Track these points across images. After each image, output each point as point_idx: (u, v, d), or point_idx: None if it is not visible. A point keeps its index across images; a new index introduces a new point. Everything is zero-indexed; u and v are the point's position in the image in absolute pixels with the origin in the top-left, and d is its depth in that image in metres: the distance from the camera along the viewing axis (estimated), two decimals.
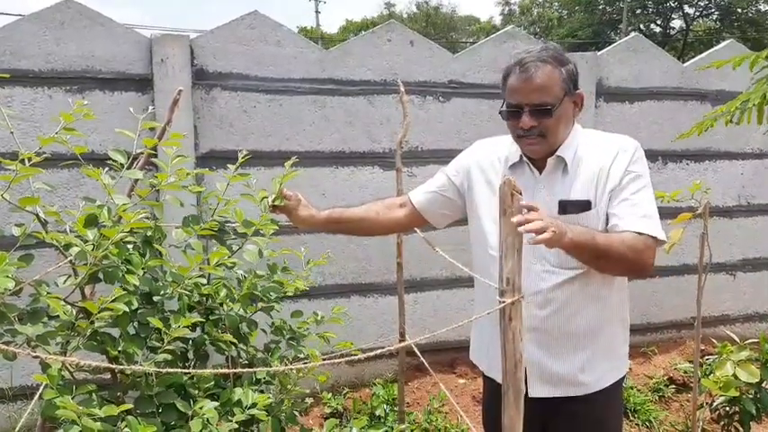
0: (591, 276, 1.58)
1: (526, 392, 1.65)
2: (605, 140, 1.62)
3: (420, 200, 1.84)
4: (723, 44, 3.98)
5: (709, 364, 3.20)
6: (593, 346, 1.63)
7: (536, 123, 1.53)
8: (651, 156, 3.82)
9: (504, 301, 1.32)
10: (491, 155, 1.73)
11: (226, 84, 3.11)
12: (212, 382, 1.71)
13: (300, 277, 1.83)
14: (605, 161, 1.56)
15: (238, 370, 1.46)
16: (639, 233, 1.48)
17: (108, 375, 1.60)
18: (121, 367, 1.12)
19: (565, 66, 1.55)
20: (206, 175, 3.05)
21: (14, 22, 2.87)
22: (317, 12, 32.55)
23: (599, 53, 3.76)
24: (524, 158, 1.63)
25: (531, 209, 1.30)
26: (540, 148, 1.57)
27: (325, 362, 1.69)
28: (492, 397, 1.84)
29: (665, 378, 3.66)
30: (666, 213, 3.10)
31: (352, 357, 1.21)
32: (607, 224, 1.55)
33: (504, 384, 1.36)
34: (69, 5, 2.85)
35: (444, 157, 1.87)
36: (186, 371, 1.49)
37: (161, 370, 1.30)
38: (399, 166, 2.43)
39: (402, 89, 2.41)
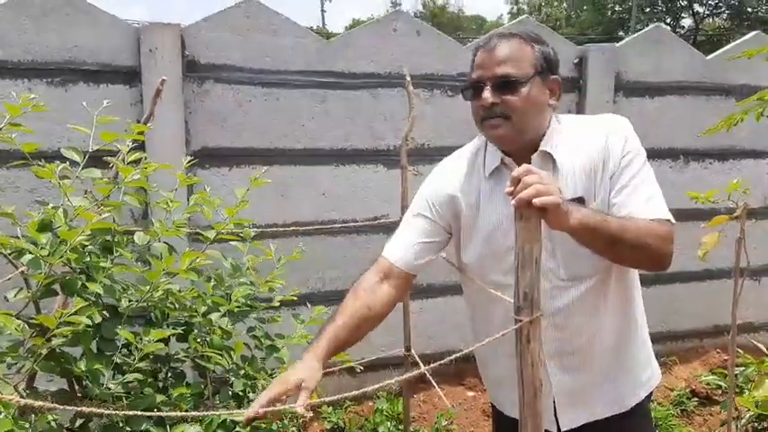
0: (607, 285, 1.39)
1: (558, 428, 1.46)
2: (590, 125, 1.41)
3: (408, 260, 1.50)
4: (749, 35, 3.76)
5: (736, 376, 2.99)
6: (624, 358, 1.47)
7: (498, 100, 1.31)
8: (672, 154, 3.60)
9: (520, 320, 1.12)
10: (462, 170, 1.49)
11: (219, 76, 2.91)
12: (191, 404, 1.54)
13: (274, 281, 1.70)
14: (597, 148, 1.35)
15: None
16: (652, 219, 1.28)
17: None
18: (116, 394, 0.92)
19: (539, 44, 1.37)
20: (198, 175, 2.86)
21: None
22: (323, 11, 32.41)
23: (617, 45, 3.54)
24: (505, 161, 1.40)
25: (528, 172, 1.09)
26: (504, 132, 1.33)
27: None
28: (500, 428, 1.68)
29: (688, 390, 3.45)
30: (690, 215, 2.94)
31: (352, 365, 1.02)
32: None
33: (522, 418, 1.16)
34: None
35: None
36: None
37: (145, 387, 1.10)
38: (404, 163, 2.23)
39: (408, 78, 2.21)
